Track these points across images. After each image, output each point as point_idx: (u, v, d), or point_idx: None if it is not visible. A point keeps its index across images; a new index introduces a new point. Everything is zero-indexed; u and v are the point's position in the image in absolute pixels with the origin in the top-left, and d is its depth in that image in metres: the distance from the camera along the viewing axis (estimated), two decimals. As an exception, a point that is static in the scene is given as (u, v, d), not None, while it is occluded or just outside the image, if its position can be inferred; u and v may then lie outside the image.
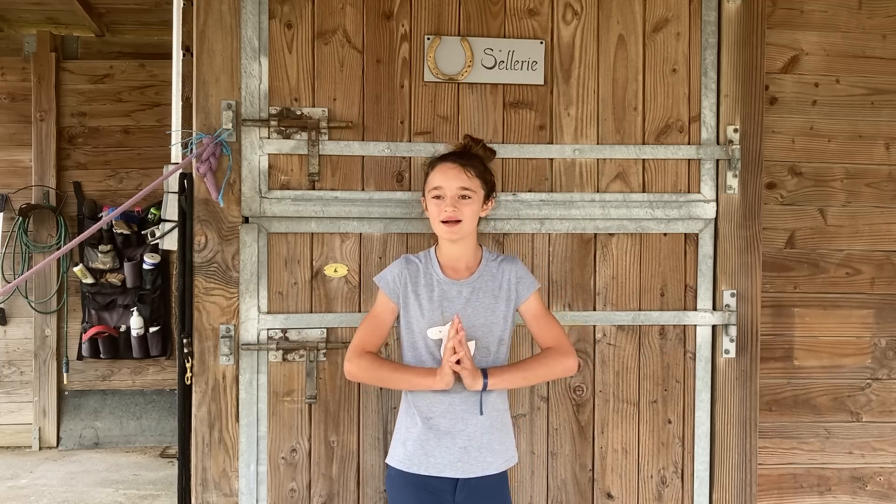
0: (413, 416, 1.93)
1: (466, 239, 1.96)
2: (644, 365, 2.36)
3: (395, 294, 1.97)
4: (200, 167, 2.15)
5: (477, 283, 1.96)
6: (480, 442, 1.90)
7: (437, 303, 1.93)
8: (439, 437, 1.89)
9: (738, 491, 2.38)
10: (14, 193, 5.00)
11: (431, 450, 1.89)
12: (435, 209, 1.93)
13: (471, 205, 1.92)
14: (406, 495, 1.92)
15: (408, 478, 1.91)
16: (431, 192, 1.94)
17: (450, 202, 1.90)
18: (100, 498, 4.12)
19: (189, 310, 2.23)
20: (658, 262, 2.36)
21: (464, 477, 1.89)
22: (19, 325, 5.06)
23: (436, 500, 1.90)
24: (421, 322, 1.93)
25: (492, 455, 1.92)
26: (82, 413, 5.11)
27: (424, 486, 1.90)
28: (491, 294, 1.95)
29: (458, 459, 1.88)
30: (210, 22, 2.21)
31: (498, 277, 1.97)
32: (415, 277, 1.96)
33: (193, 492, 2.23)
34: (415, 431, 1.92)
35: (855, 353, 2.56)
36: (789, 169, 2.52)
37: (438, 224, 1.93)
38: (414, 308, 1.94)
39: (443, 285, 1.94)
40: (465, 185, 1.91)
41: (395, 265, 2.00)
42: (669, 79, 2.36)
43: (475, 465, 1.89)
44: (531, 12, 2.32)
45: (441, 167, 1.95)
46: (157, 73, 5.05)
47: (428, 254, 2.01)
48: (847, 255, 2.55)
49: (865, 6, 2.54)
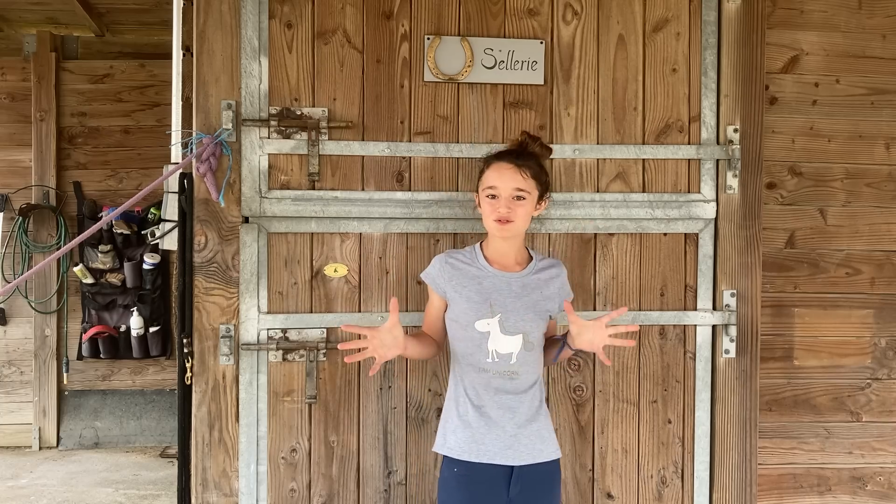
0: (463, 405, 1.94)
1: (517, 237, 1.98)
2: (644, 365, 2.36)
3: (440, 288, 2.00)
4: (200, 167, 2.15)
5: (528, 278, 1.98)
6: (529, 430, 1.92)
7: (485, 294, 1.94)
8: (489, 424, 1.91)
9: (738, 491, 2.38)
10: (14, 193, 5.01)
11: (481, 437, 1.91)
12: (488, 208, 1.94)
13: (525, 205, 1.93)
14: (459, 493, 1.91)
15: (460, 470, 1.91)
16: (486, 190, 1.95)
17: (504, 203, 1.91)
18: (100, 498, 4.13)
19: (189, 310, 2.23)
20: (658, 262, 2.36)
21: (515, 465, 1.90)
22: (19, 325, 5.07)
23: (489, 494, 1.89)
24: (469, 314, 1.93)
25: (542, 442, 1.94)
26: (82, 413, 5.12)
27: (477, 481, 1.90)
28: (539, 292, 1.98)
29: (508, 447, 1.90)
30: (210, 22, 2.21)
31: (545, 277, 2.00)
32: (459, 271, 1.98)
33: (193, 492, 2.23)
34: (467, 419, 1.93)
35: (855, 353, 2.56)
36: (789, 169, 2.52)
37: (491, 222, 1.94)
38: (461, 302, 1.95)
39: (492, 278, 1.96)
40: (520, 185, 1.92)
41: (436, 260, 2.03)
42: (669, 79, 2.36)
43: (525, 452, 1.91)
44: (531, 12, 2.32)
45: (497, 166, 1.95)
46: (157, 73, 5.06)
47: (473, 249, 2.02)
48: (847, 255, 2.55)
49: (865, 6, 2.54)
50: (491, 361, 1.91)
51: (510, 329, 1.91)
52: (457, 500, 1.91)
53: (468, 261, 2.00)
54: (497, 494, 1.90)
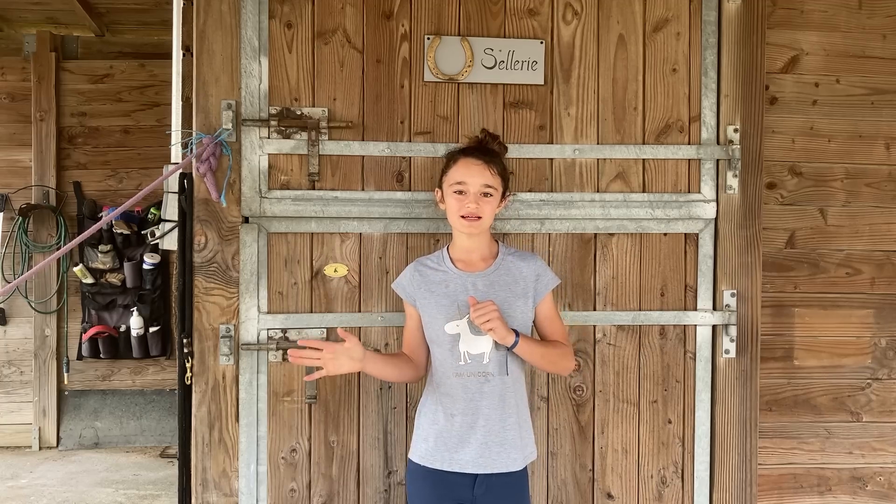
0: (436, 413, 1.94)
1: (484, 233, 1.98)
2: (644, 365, 2.36)
3: (411, 297, 1.99)
4: (200, 167, 2.15)
5: (493, 276, 1.96)
6: (502, 438, 1.91)
7: (452, 297, 1.93)
8: (461, 432, 1.90)
9: (739, 491, 2.38)
10: (14, 193, 5.01)
11: (453, 446, 1.90)
12: (456, 204, 1.93)
13: (491, 202, 1.93)
14: (425, 490, 1.93)
15: (428, 472, 1.92)
16: (453, 185, 1.94)
17: (473, 199, 1.91)
18: (100, 498, 4.12)
19: (189, 310, 2.23)
20: (658, 262, 2.36)
21: (484, 472, 1.89)
22: (19, 325, 5.07)
23: (454, 495, 1.90)
24: (438, 319, 1.93)
25: (514, 450, 1.92)
26: (82, 413, 5.11)
27: (444, 481, 1.90)
28: (507, 288, 1.95)
29: (479, 455, 1.89)
30: (210, 22, 2.21)
31: (514, 272, 1.97)
32: (428, 277, 1.97)
33: (193, 492, 2.23)
34: (437, 427, 1.93)
35: (855, 353, 2.56)
36: (789, 169, 2.52)
37: (457, 218, 1.93)
38: (431, 307, 1.94)
39: (456, 278, 1.95)
40: (488, 182, 1.92)
41: (407, 270, 2.02)
42: (669, 79, 2.36)
43: (497, 460, 1.90)
44: (531, 12, 2.32)
45: (465, 162, 1.94)
46: (157, 73, 5.05)
47: (441, 253, 2.02)
48: (847, 255, 2.55)
49: (865, 6, 2.54)
50: (464, 364, 1.90)
51: (479, 329, 1.88)
52: (425, 493, 1.93)
53: (435, 265, 1.99)
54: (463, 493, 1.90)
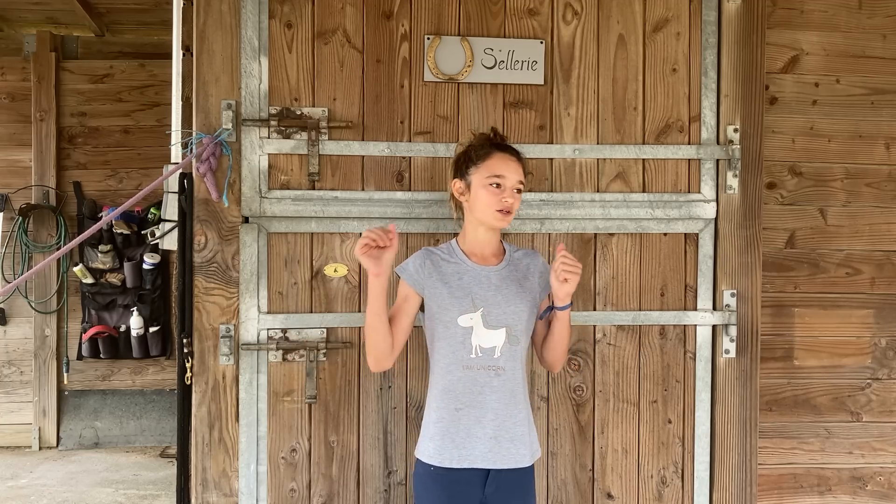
0: (440, 409, 1.92)
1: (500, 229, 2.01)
2: (644, 365, 2.36)
3: (419, 284, 1.96)
4: (200, 167, 2.15)
5: (505, 271, 1.97)
6: (513, 433, 1.91)
7: (466, 289, 1.93)
8: (468, 426, 1.89)
9: (739, 491, 2.38)
10: (14, 193, 5.01)
11: (461, 441, 1.89)
12: (491, 197, 1.92)
13: (519, 199, 1.97)
14: (434, 491, 1.91)
15: (437, 474, 1.90)
16: (490, 178, 1.92)
17: (510, 193, 1.93)
18: (100, 498, 4.13)
19: (189, 310, 2.23)
20: (658, 262, 2.36)
21: (495, 468, 1.89)
22: (19, 325, 5.07)
23: (465, 495, 1.89)
24: (451, 311, 1.91)
25: (523, 446, 1.92)
26: (82, 413, 5.12)
27: (454, 481, 1.89)
28: (517, 283, 1.97)
29: (489, 450, 1.89)
30: (210, 22, 2.21)
31: (522, 269, 2.00)
32: (440, 267, 1.96)
33: (193, 492, 2.23)
34: (442, 424, 1.91)
35: (855, 353, 2.56)
36: (789, 169, 2.53)
37: (492, 211, 1.92)
38: (444, 297, 1.93)
39: (472, 272, 1.95)
40: (521, 179, 1.96)
41: (416, 255, 2.00)
42: (669, 79, 2.36)
43: (507, 455, 1.90)
44: (531, 12, 2.32)
45: (502, 157, 1.96)
46: (157, 73, 5.06)
47: (450, 245, 2.01)
48: (847, 255, 2.55)
49: (865, 6, 2.54)
50: (475, 357, 1.90)
51: (493, 323, 1.90)
52: (434, 495, 1.91)
53: (447, 256, 1.98)
54: (473, 493, 1.90)
